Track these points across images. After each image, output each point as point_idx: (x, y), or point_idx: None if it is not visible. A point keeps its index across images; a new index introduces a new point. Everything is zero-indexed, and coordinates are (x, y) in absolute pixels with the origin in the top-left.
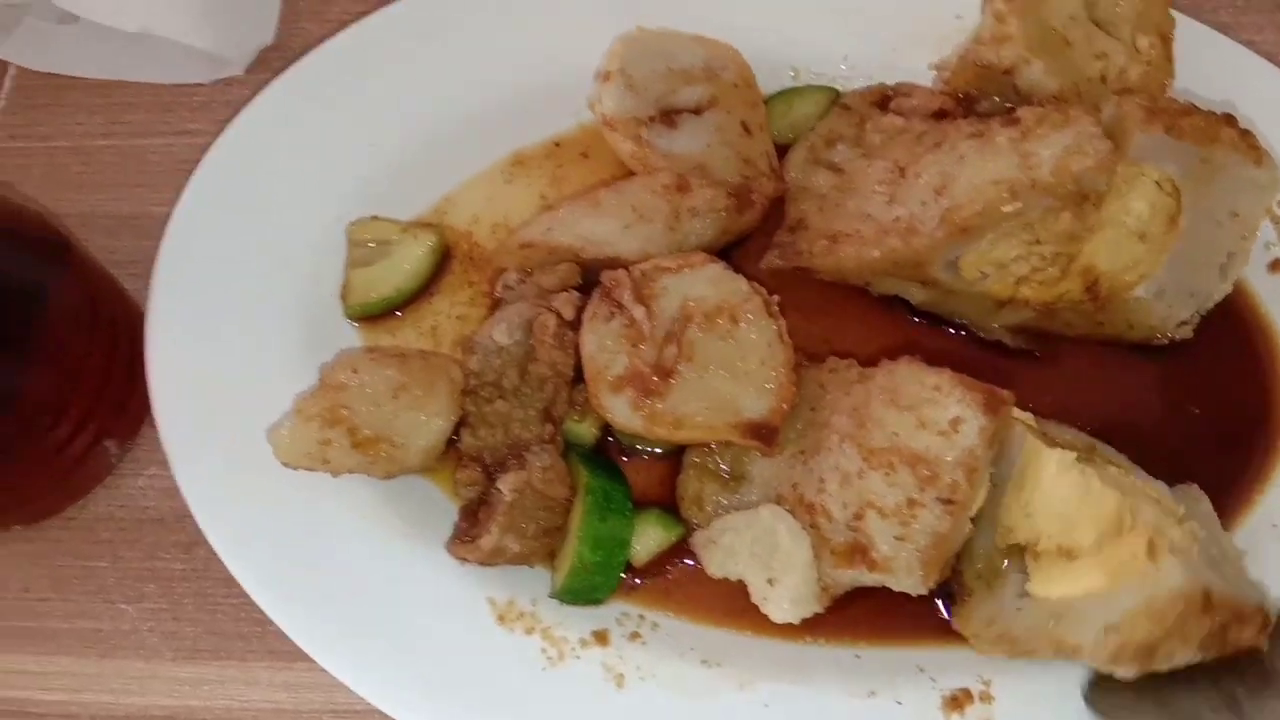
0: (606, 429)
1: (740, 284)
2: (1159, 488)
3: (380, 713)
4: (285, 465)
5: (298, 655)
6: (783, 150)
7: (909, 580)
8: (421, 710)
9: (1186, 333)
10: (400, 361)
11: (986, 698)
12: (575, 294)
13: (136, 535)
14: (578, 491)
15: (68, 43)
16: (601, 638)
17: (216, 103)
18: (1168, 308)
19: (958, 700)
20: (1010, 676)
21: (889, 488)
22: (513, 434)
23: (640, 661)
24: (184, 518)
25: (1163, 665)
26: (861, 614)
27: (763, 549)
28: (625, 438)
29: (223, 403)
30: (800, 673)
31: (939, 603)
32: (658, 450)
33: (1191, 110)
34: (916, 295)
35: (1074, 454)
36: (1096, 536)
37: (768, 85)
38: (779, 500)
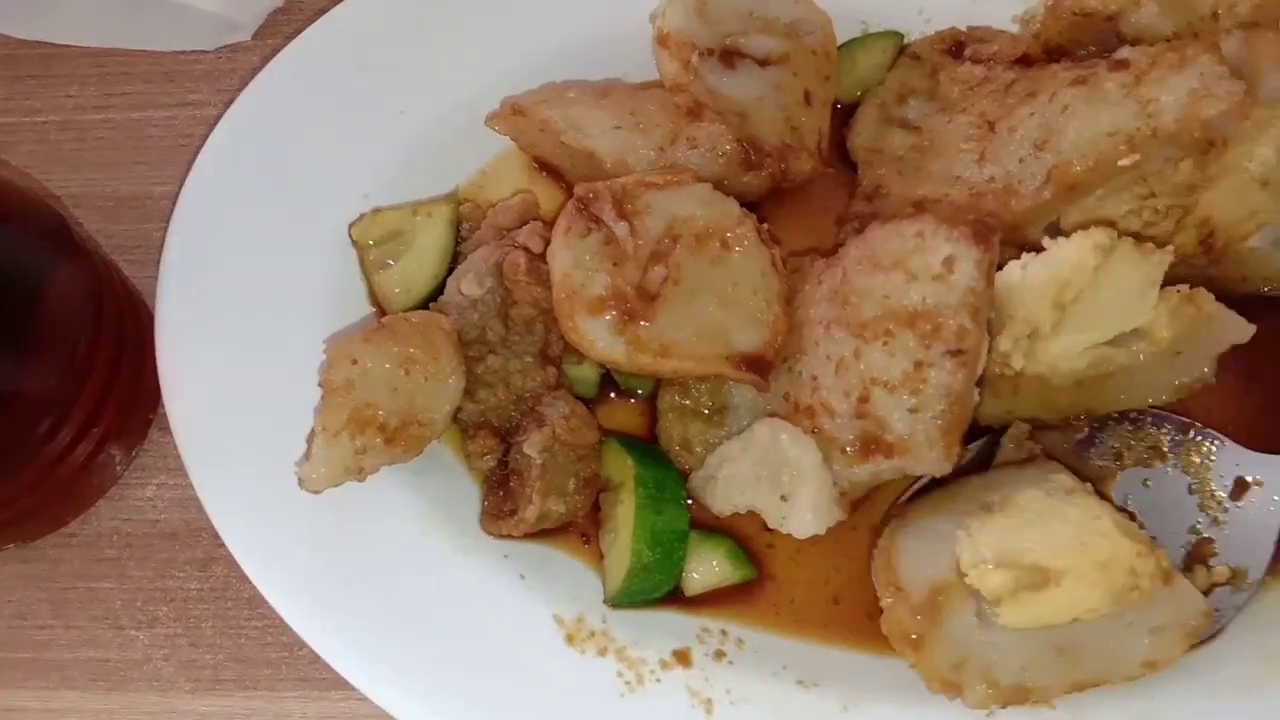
0: (607, 373)
1: (732, 206)
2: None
3: None
4: (316, 494)
5: (334, 683)
6: (850, 111)
7: (931, 456)
8: None
9: None
10: (391, 333)
11: None
12: (539, 224)
13: (146, 552)
14: (625, 484)
15: (58, 8)
16: (683, 658)
17: (221, 71)
18: None
19: None
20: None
21: (890, 358)
22: (514, 387)
23: (729, 684)
24: (199, 530)
25: None
26: None
27: (768, 468)
28: (626, 380)
29: (241, 399)
30: (911, 691)
31: None
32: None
33: None
34: None
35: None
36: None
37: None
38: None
